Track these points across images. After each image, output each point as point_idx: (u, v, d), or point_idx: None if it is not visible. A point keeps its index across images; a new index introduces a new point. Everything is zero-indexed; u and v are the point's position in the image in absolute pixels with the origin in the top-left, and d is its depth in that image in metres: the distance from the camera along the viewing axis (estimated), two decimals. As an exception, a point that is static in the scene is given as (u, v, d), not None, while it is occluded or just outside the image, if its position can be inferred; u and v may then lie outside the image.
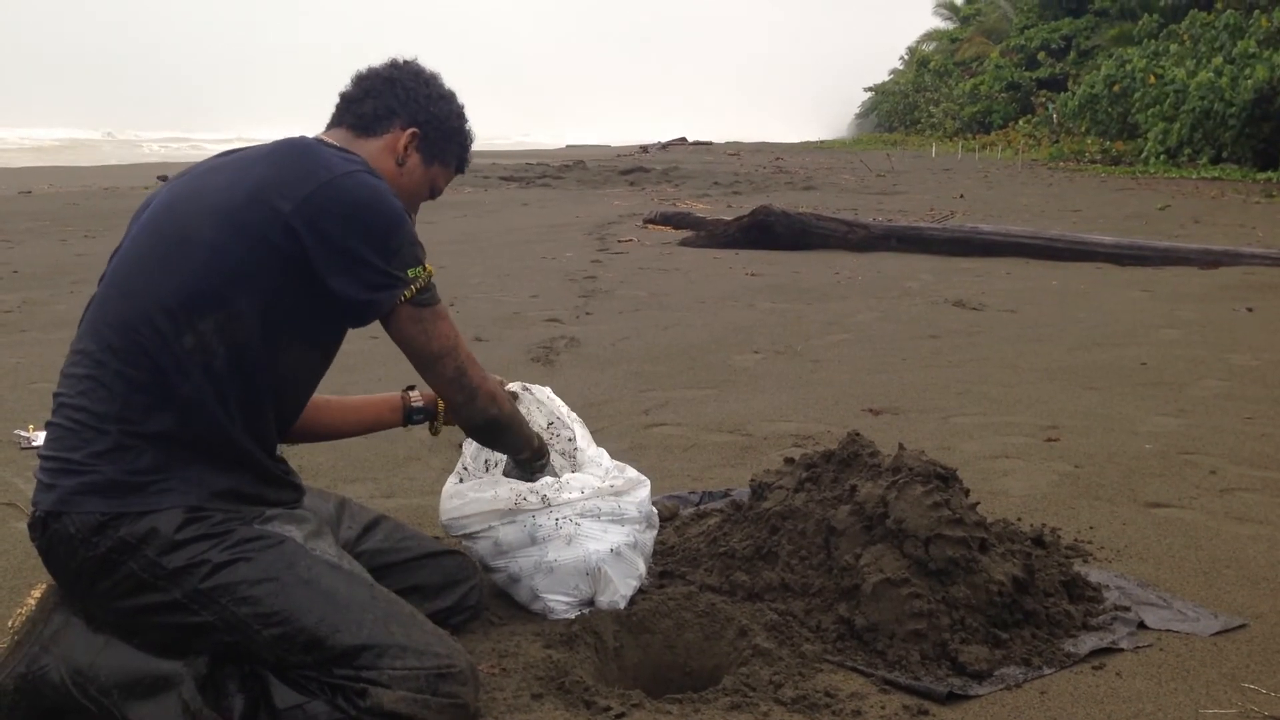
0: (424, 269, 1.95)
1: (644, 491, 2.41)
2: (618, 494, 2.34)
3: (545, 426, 2.53)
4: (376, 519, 2.33)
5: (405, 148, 2.09)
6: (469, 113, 2.22)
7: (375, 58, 2.16)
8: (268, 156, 1.94)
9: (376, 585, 1.93)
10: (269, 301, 1.88)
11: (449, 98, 2.16)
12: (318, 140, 2.03)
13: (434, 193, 2.20)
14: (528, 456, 2.35)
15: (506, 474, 2.42)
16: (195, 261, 1.86)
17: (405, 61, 2.15)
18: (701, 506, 3.01)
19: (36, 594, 1.98)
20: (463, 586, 2.28)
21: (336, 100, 2.14)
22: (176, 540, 1.81)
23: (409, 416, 2.44)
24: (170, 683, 1.83)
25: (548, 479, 2.32)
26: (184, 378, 1.84)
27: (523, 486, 2.30)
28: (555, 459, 2.49)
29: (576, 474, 2.37)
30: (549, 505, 2.28)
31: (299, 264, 1.87)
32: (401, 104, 2.10)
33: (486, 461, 2.54)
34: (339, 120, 2.12)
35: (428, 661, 1.84)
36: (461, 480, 2.46)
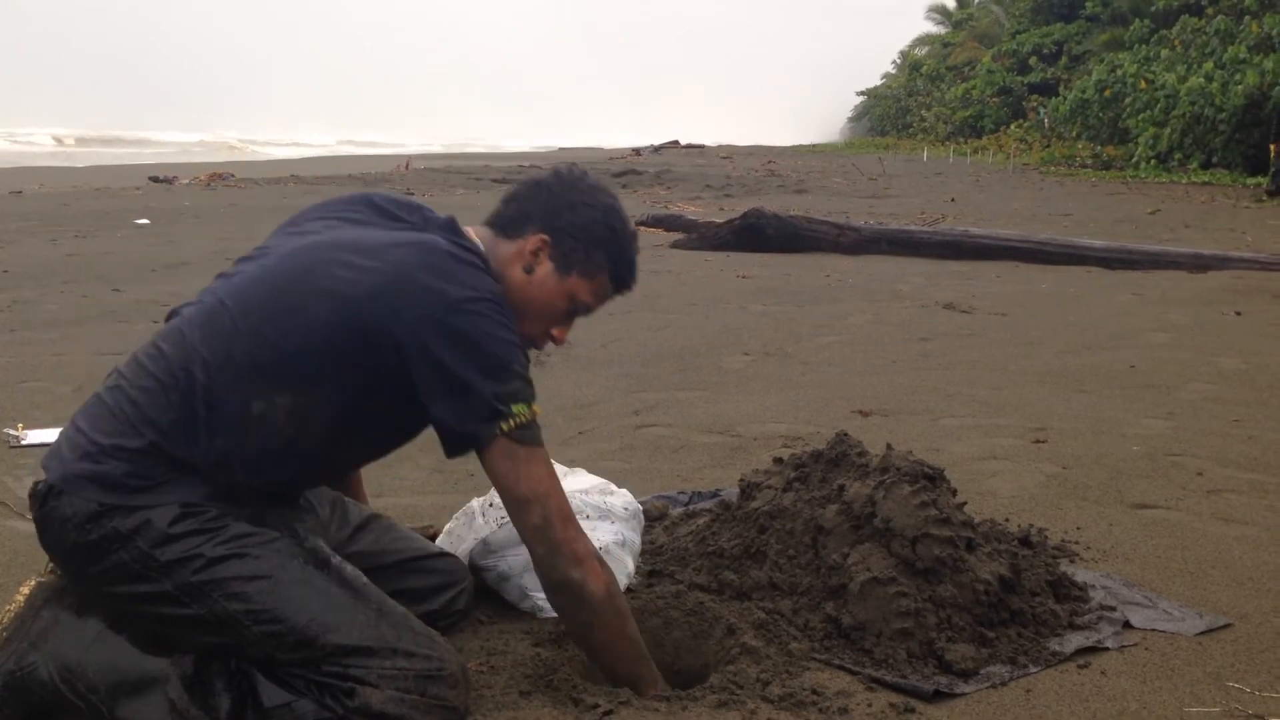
0: (529, 408, 1.86)
1: (627, 493, 2.42)
2: (605, 493, 2.35)
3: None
4: (368, 519, 2.31)
5: (534, 254, 2.00)
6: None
7: (374, 59, 2.15)
8: (400, 254, 1.86)
9: (369, 585, 1.93)
10: (351, 399, 1.87)
11: (598, 205, 2.03)
12: (456, 245, 1.92)
13: (577, 306, 2.06)
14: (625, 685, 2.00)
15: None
16: (298, 336, 1.84)
17: (568, 168, 2.09)
18: (691, 506, 3.02)
19: (25, 590, 1.98)
20: (451, 591, 2.27)
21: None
22: (170, 534, 1.81)
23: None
24: (157, 681, 1.84)
25: None
26: (232, 434, 1.83)
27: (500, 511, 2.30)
28: None
29: (565, 477, 2.38)
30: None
31: (397, 376, 1.84)
32: (539, 209, 2.02)
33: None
34: (489, 219, 2.08)
35: (418, 664, 1.84)
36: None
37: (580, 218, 2.01)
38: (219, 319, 1.88)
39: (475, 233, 2.03)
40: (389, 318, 1.81)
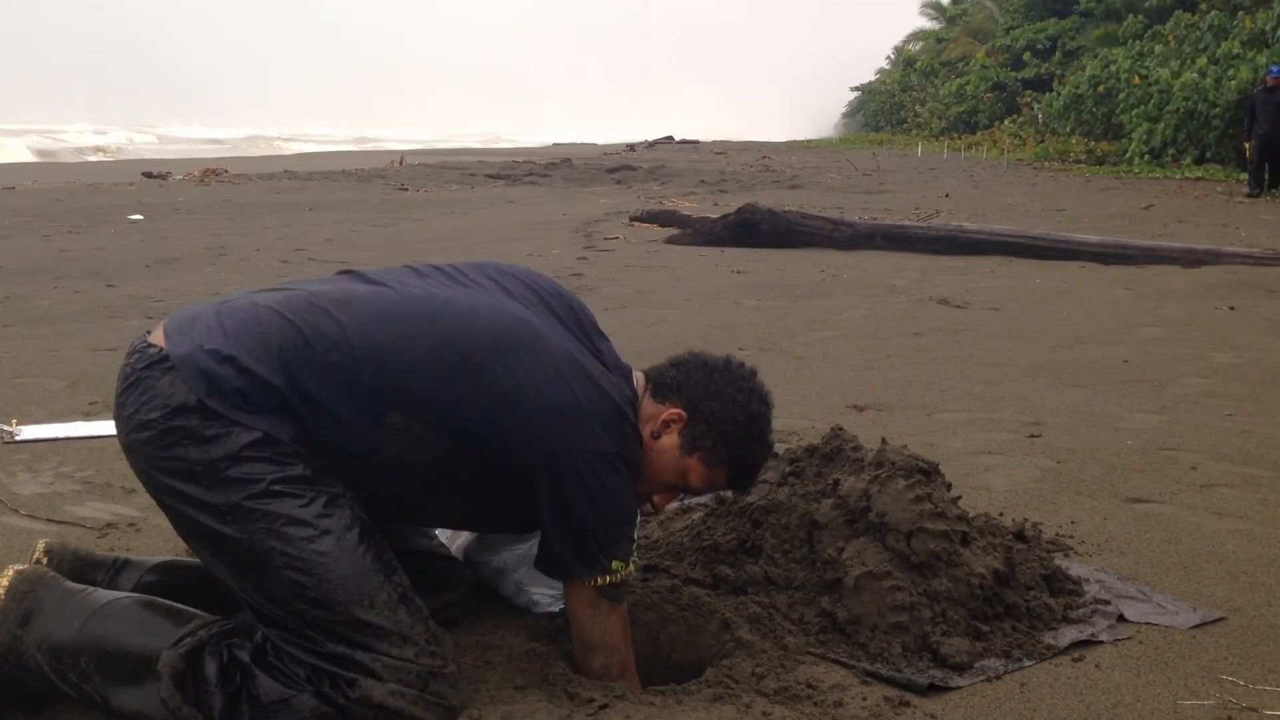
0: (627, 567, 2.00)
1: None
2: None
3: None
4: None
5: (666, 424, 2.06)
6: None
7: (372, 58, 2.14)
8: (587, 391, 1.96)
9: (400, 569, 1.93)
10: (461, 460, 1.93)
11: (746, 407, 2.08)
12: (630, 408, 2.04)
13: (687, 487, 2.13)
14: None
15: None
16: (457, 392, 1.89)
17: (739, 363, 2.15)
18: (685, 500, 3.02)
19: (5, 581, 1.95)
20: (445, 595, 2.25)
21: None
22: (241, 455, 1.82)
23: None
24: (152, 668, 1.83)
25: None
26: (342, 425, 1.86)
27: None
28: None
29: None
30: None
31: (521, 482, 1.94)
32: (691, 385, 2.08)
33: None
34: (650, 372, 2.15)
35: (424, 659, 1.85)
36: None
37: (723, 410, 2.07)
38: (395, 323, 1.92)
39: (637, 380, 2.13)
40: (548, 437, 1.91)
